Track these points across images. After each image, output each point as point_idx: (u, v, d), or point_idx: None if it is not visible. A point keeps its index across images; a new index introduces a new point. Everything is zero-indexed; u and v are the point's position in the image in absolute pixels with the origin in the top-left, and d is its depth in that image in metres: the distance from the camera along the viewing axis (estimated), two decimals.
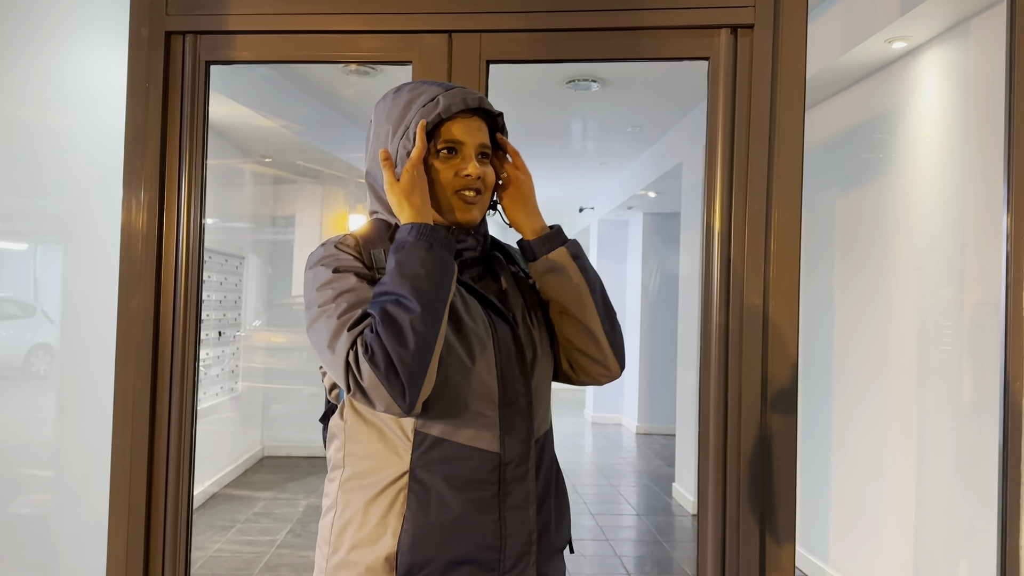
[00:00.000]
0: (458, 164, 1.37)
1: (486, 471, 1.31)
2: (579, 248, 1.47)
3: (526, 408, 1.35)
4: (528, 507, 1.34)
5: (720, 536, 2.28)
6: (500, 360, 1.35)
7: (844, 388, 4.11)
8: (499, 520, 1.31)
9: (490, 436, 1.32)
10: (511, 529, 1.32)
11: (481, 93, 1.41)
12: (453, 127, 1.37)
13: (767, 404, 2.25)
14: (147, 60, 2.37)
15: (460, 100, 1.36)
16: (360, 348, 1.21)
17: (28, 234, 3.08)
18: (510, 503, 1.32)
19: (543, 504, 1.37)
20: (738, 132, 2.28)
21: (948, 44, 3.28)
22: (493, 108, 1.42)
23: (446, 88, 1.38)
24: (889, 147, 3.76)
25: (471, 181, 1.36)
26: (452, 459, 1.30)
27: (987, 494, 2.90)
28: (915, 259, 3.49)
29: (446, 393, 1.30)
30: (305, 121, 5.67)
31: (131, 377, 2.35)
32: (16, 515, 2.93)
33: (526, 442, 1.34)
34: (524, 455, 1.34)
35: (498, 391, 1.34)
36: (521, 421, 1.35)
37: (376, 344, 1.20)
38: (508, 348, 1.36)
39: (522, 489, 1.33)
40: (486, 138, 1.41)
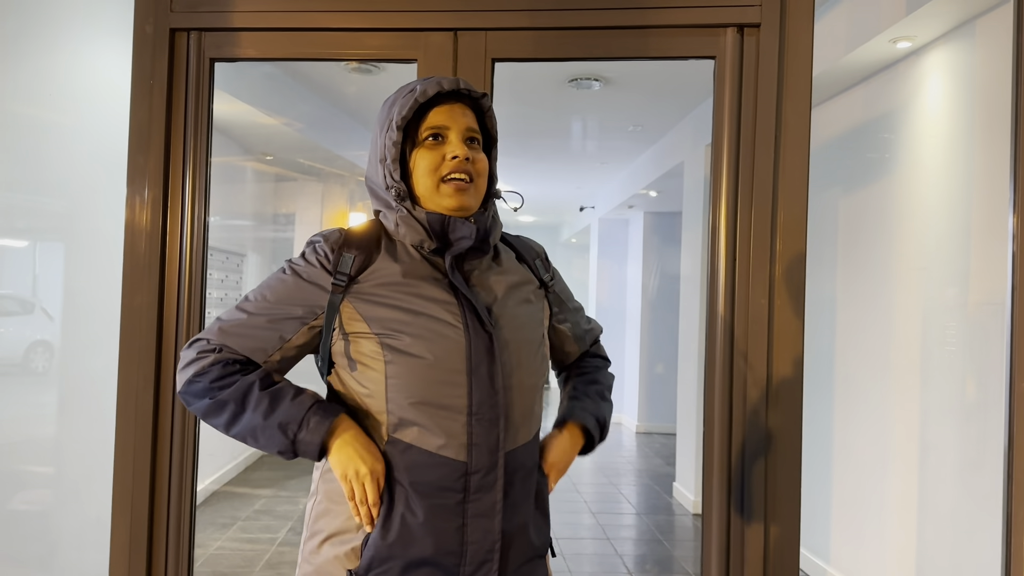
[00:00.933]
0: (444, 149, 1.36)
1: (451, 479, 1.31)
2: (599, 427, 1.55)
3: (496, 419, 1.33)
4: (493, 516, 1.33)
5: (724, 535, 2.28)
6: (471, 369, 1.32)
7: (847, 388, 4.11)
8: (462, 527, 1.32)
9: (457, 445, 1.31)
10: (473, 537, 1.32)
11: (462, 78, 1.44)
12: (435, 113, 1.37)
13: (772, 403, 2.25)
14: (151, 57, 2.36)
15: (435, 84, 1.36)
16: (188, 360, 1.36)
17: (27, 231, 3.07)
18: (473, 511, 1.32)
19: (514, 513, 1.36)
20: (744, 131, 2.28)
21: (953, 44, 3.28)
22: (475, 91, 1.41)
23: (427, 78, 1.39)
24: (893, 147, 3.76)
25: (459, 163, 1.34)
26: (420, 466, 1.31)
27: (991, 494, 2.90)
28: (919, 259, 3.49)
29: (415, 400, 1.31)
30: (307, 119, 5.66)
31: (134, 374, 2.35)
32: (16, 511, 2.92)
33: (494, 452, 1.32)
34: (492, 465, 1.32)
35: (467, 401, 1.32)
36: (490, 432, 1.32)
37: (188, 380, 1.35)
38: (481, 357, 1.33)
39: (488, 499, 1.32)
40: (473, 122, 1.40)
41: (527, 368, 1.38)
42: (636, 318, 9.37)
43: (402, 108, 1.35)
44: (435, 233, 1.36)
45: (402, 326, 1.32)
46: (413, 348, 1.31)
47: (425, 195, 1.37)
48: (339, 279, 1.35)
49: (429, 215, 1.35)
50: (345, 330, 1.35)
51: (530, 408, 1.40)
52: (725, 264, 2.29)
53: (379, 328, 1.32)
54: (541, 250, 1.57)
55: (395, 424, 1.33)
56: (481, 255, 1.41)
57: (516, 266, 1.48)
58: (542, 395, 1.46)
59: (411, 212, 1.36)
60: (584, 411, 1.52)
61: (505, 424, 1.34)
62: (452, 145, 1.36)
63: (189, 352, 1.38)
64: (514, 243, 1.53)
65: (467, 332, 1.33)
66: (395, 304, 1.33)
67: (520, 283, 1.45)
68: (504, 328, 1.37)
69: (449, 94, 1.38)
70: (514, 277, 1.45)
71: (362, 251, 1.37)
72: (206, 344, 1.37)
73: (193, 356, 1.36)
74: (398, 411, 1.32)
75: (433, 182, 1.36)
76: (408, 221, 1.37)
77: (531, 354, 1.40)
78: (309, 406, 1.32)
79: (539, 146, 6.98)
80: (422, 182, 1.36)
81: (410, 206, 1.36)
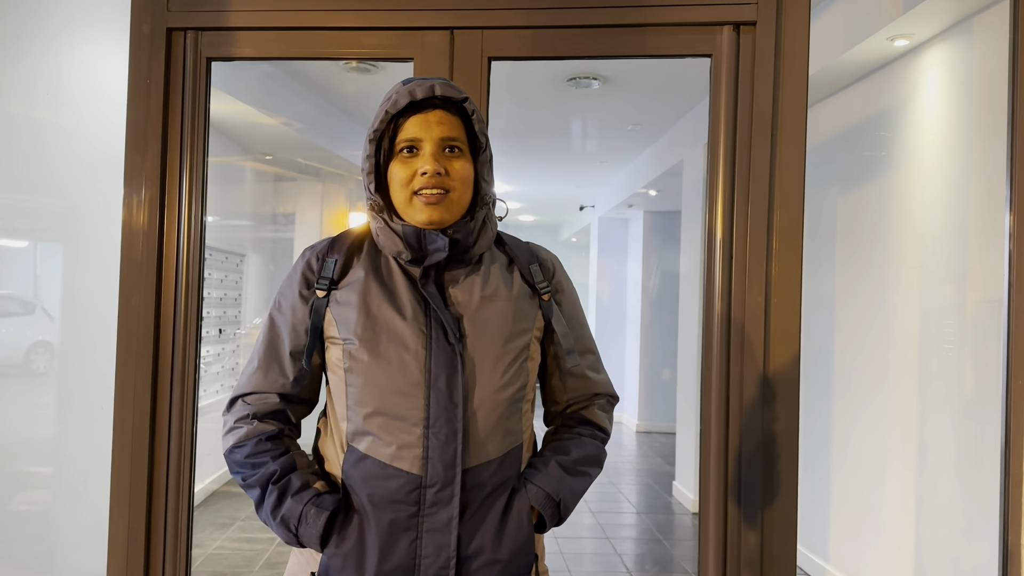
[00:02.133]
0: (416, 163, 1.33)
1: (405, 492, 1.30)
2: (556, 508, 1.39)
3: (453, 433, 1.30)
4: (449, 532, 1.30)
5: (721, 534, 2.28)
6: (429, 381, 1.30)
7: (845, 386, 4.11)
8: (415, 541, 1.30)
9: (411, 457, 1.30)
10: (426, 551, 1.30)
11: (445, 80, 1.35)
12: (409, 124, 1.33)
13: (769, 402, 2.25)
14: (148, 56, 2.36)
15: (407, 94, 1.32)
16: (228, 427, 1.42)
17: (28, 231, 3.07)
18: (428, 526, 1.30)
19: (475, 532, 1.32)
20: (740, 129, 2.28)
21: (950, 42, 3.28)
22: (456, 94, 1.34)
23: (407, 83, 1.34)
24: (891, 145, 3.75)
25: (429, 180, 1.31)
26: (374, 476, 1.31)
27: (988, 492, 2.90)
28: (917, 257, 3.49)
29: (369, 411, 1.31)
30: (306, 118, 5.66)
31: (132, 374, 2.35)
32: (16, 512, 2.93)
33: (451, 467, 1.29)
34: (448, 480, 1.29)
35: (424, 413, 1.30)
36: (447, 446, 1.29)
37: (229, 449, 1.40)
38: (441, 370, 1.31)
39: (444, 514, 1.30)
40: (451, 130, 1.34)
41: (496, 382, 1.34)
42: (636, 317, 9.37)
43: (375, 119, 1.34)
44: (411, 245, 1.35)
45: (364, 333, 1.32)
46: (371, 357, 1.31)
47: (400, 207, 1.36)
48: (321, 283, 1.38)
49: (404, 227, 1.34)
50: (324, 334, 1.38)
51: (498, 424, 1.34)
52: (722, 263, 2.29)
53: (345, 334, 1.34)
54: (547, 256, 1.49)
55: (352, 432, 1.34)
56: (463, 265, 1.38)
57: (503, 274, 1.42)
58: (520, 409, 1.39)
59: (388, 224, 1.36)
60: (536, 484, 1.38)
61: (464, 439, 1.30)
62: (423, 159, 1.32)
63: (229, 417, 1.42)
64: (512, 247, 1.47)
65: (429, 343, 1.32)
66: (362, 312, 1.33)
67: (503, 293, 1.39)
68: (473, 341, 1.33)
69: (426, 101, 1.33)
70: (498, 286, 1.39)
71: (344, 255, 1.40)
72: (241, 409, 1.41)
73: (232, 424, 1.41)
74: (355, 419, 1.33)
75: (407, 195, 1.34)
76: (386, 232, 1.37)
77: (502, 368, 1.35)
78: (307, 500, 1.32)
79: (538, 145, 6.98)
80: (397, 195, 1.35)
81: (388, 218, 1.36)
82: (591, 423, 1.49)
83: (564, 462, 1.41)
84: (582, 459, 1.43)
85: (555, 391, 1.50)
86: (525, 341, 1.39)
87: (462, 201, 1.36)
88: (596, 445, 1.47)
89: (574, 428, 1.48)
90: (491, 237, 1.42)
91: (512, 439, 1.37)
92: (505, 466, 1.36)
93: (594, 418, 1.49)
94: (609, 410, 1.53)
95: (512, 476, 1.38)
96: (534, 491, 1.36)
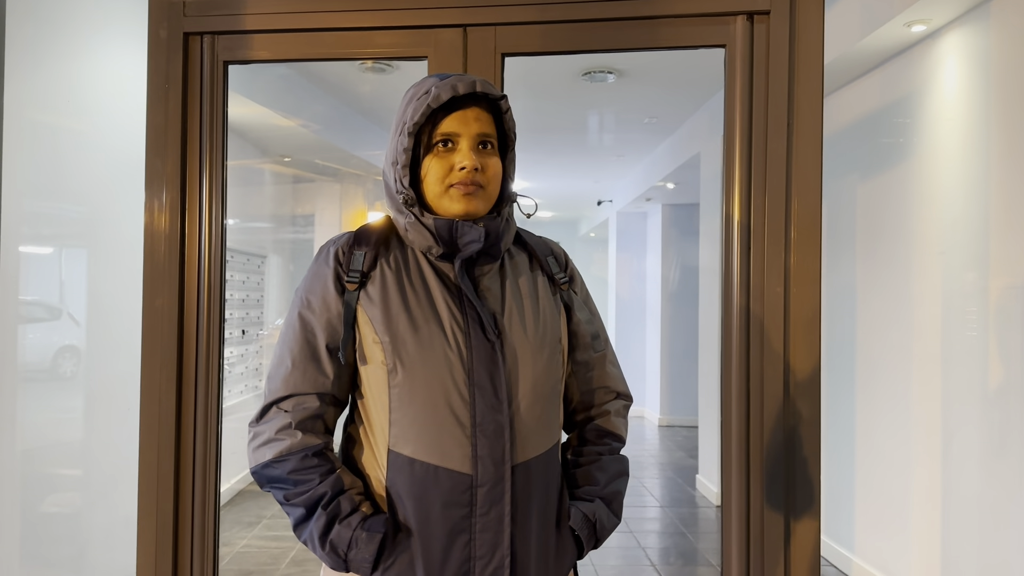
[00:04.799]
0: (454, 158, 1.33)
1: (456, 493, 1.28)
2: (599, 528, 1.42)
3: (501, 430, 1.29)
4: (502, 531, 1.29)
5: (744, 526, 2.27)
6: (473, 380, 1.30)
7: (868, 376, 4.08)
8: (469, 543, 1.29)
9: (461, 457, 1.28)
10: (481, 552, 1.29)
11: (483, 78, 1.36)
12: (447, 119, 1.33)
13: (790, 393, 2.24)
14: (166, 61, 2.39)
15: (449, 88, 1.31)
16: (265, 439, 1.35)
17: (53, 238, 3.12)
18: (481, 526, 1.29)
19: (528, 529, 1.32)
20: (756, 120, 2.27)
21: (968, 26, 3.24)
22: (494, 92, 1.35)
23: (443, 78, 1.34)
24: (910, 132, 3.72)
25: (467, 175, 1.31)
26: (423, 479, 1.29)
27: (1014, 480, 2.87)
28: (938, 244, 3.46)
29: (415, 412, 1.29)
30: (323, 120, 5.70)
31: (157, 376, 2.38)
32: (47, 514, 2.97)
33: (500, 465, 1.29)
34: (499, 478, 1.29)
35: (470, 411, 1.29)
36: (495, 443, 1.29)
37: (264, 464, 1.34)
38: (484, 367, 1.30)
39: (496, 512, 1.29)
40: (486, 127, 1.35)
41: (536, 376, 1.35)
42: (656, 311, 9.34)
43: (415, 113, 1.32)
44: (443, 239, 1.33)
45: (406, 333, 1.30)
46: (416, 357, 1.29)
47: (434, 200, 1.35)
48: (352, 276, 1.34)
49: (436, 220, 1.33)
50: (359, 330, 1.34)
51: (542, 417, 1.35)
52: (740, 254, 2.28)
53: (383, 334, 1.31)
54: (558, 249, 1.52)
55: (397, 436, 1.31)
56: (491, 260, 1.38)
57: (529, 268, 1.44)
58: (559, 403, 1.41)
59: (419, 218, 1.34)
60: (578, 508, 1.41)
61: (511, 435, 1.30)
62: (461, 154, 1.32)
63: (264, 428, 1.35)
64: (528, 241, 1.48)
65: (469, 341, 1.31)
66: (399, 310, 1.32)
67: (532, 286, 1.41)
68: (511, 335, 1.34)
69: (464, 97, 1.33)
70: (526, 281, 1.41)
71: (372, 248, 1.37)
72: (279, 418, 1.35)
73: (271, 435, 1.34)
74: (401, 422, 1.30)
75: (442, 188, 1.33)
76: (416, 227, 1.35)
77: (541, 361, 1.36)
78: (356, 524, 1.29)
79: (555, 140, 6.98)
80: (431, 188, 1.34)
81: (418, 212, 1.34)
82: (609, 434, 1.49)
83: (596, 491, 1.43)
84: (610, 480, 1.45)
85: (567, 384, 1.49)
86: (557, 333, 1.41)
87: (493, 196, 1.37)
88: (616, 460, 1.48)
89: (594, 446, 1.48)
90: (513, 233, 1.43)
91: (554, 433, 1.39)
92: (550, 461, 1.37)
93: (612, 428, 1.50)
94: (625, 415, 1.54)
95: (556, 474, 1.39)
96: (573, 512, 1.39)
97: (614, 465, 1.47)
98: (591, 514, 1.40)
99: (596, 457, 1.46)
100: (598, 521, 1.40)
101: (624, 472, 1.49)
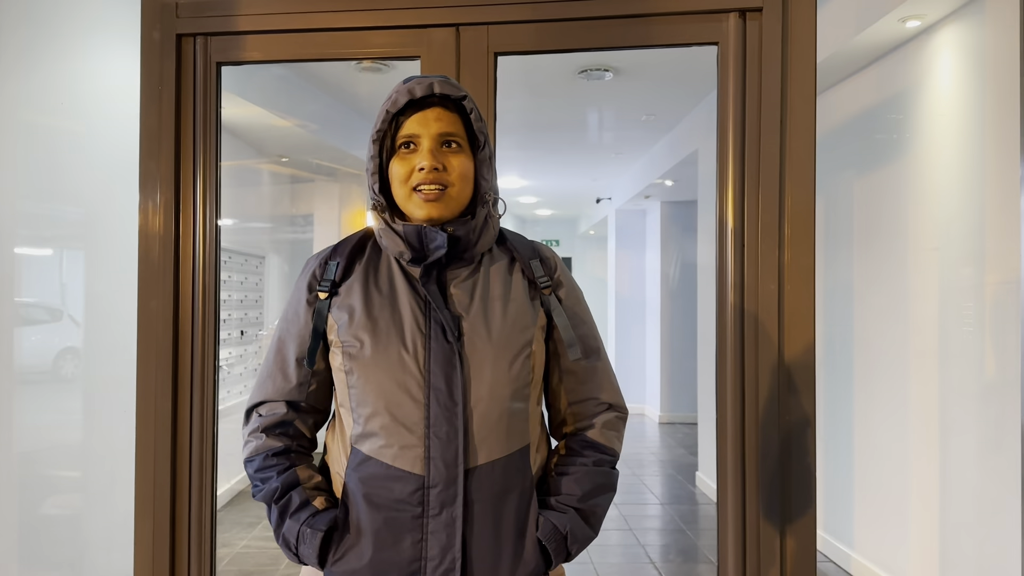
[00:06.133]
0: (414, 159, 1.34)
1: (408, 492, 1.30)
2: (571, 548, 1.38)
3: (454, 432, 1.29)
4: (454, 533, 1.29)
5: (740, 523, 2.27)
6: (429, 382, 1.31)
7: (866, 372, 4.08)
8: (419, 543, 1.30)
9: (413, 458, 1.30)
10: (431, 552, 1.30)
11: (444, 77, 1.36)
12: (408, 121, 1.35)
13: (785, 390, 2.25)
14: (159, 63, 2.39)
15: (406, 92, 1.33)
16: (244, 440, 1.44)
17: (52, 239, 3.12)
18: (432, 527, 1.30)
19: (482, 533, 1.31)
20: (749, 117, 2.27)
21: (963, 21, 3.24)
22: (455, 92, 1.35)
23: (407, 81, 1.35)
24: (905, 128, 3.72)
25: (427, 175, 1.32)
26: (377, 477, 1.31)
27: (1011, 474, 2.87)
28: (933, 240, 3.46)
29: (370, 412, 1.32)
30: (320, 119, 5.70)
31: (152, 377, 2.38)
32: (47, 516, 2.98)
33: (453, 467, 1.29)
34: (452, 479, 1.29)
35: (424, 413, 1.30)
36: (448, 446, 1.29)
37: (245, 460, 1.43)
38: (441, 369, 1.31)
39: (448, 514, 1.29)
40: (449, 126, 1.35)
41: (497, 379, 1.33)
42: (656, 308, 9.35)
43: (377, 121, 1.35)
44: (411, 245, 1.35)
45: (363, 335, 1.33)
46: (370, 358, 1.32)
47: (402, 204, 1.37)
48: (324, 286, 1.39)
49: (406, 227, 1.34)
50: (328, 338, 1.39)
51: (501, 422, 1.33)
52: (734, 251, 2.28)
53: (345, 336, 1.35)
54: (549, 254, 1.48)
55: (357, 435, 1.34)
56: (464, 264, 1.39)
57: (504, 273, 1.42)
58: (526, 409, 1.37)
59: (389, 224, 1.37)
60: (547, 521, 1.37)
61: (465, 438, 1.30)
62: (420, 154, 1.33)
63: (245, 430, 1.45)
64: (512, 243, 1.46)
65: (428, 343, 1.32)
66: (360, 313, 1.35)
67: (506, 289, 1.40)
68: (473, 339, 1.33)
69: (426, 98, 1.34)
70: (500, 283, 1.40)
71: (345, 258, 1.41)
72: (254, 421, 1.44)
73: (246, 437, 1.44)
74: (359, 421, 1.34)
75: (407, 192, 1.35)
76: (388, 233, 1.37)
77: (503, 364, 1.34)
78: (303, 519, 1.34)
79: (553, 138, 6.98)
80: (397, 192, 1.36)
81: (388, 218, 1.37)
82: (594, 445, 1.43)
83: (571, 501, 1.39)
84: (590, 493, 1.40)
85: (555, 395, 1.47)
86: (527, 338, 1.37)
87: (461, 197, 1.36)
88: (601, 473, 1.42)
89: (579, 456, 1.43)
90: (493, 236, 1.42)
91: (518, 439, 1.36)
92: (512, 467, 1.34)
93: (598, 439, 1.44)
94: (619, 427, 1.47)
95: (520, 480, 1.35)
96: (541, 522, 1.36)
97: (597, 478, 1.41)
98: (562, 526, 1.35)
99: (578, 468, 1.41)
100: (569, 534, 1.36)
101: (608, 486, 1.43)
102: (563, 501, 1.39)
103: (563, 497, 1.39)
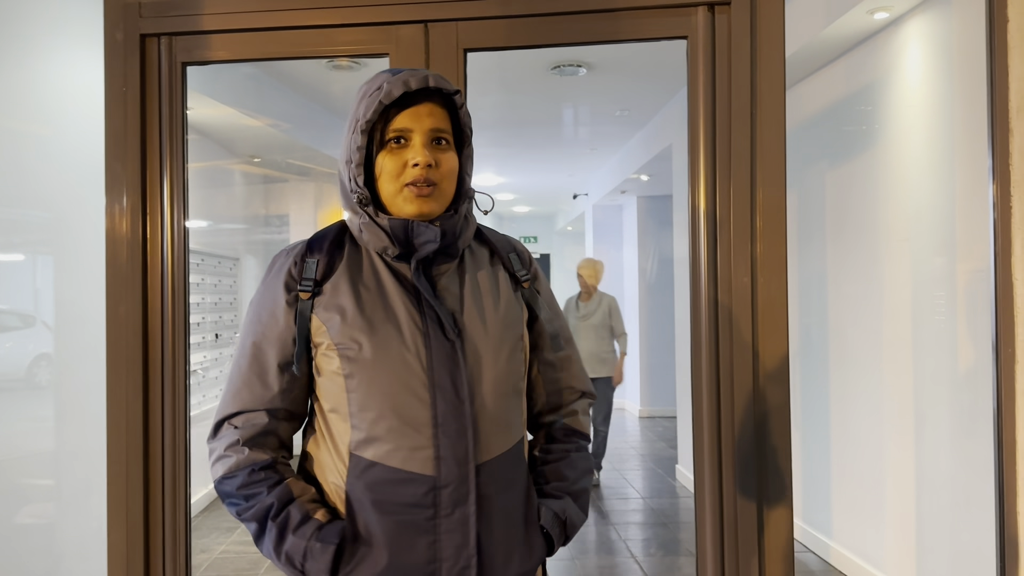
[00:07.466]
0: (407, 154, 1.30)
1: (420, 495, 1.27)
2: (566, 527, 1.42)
3: (463, 430, 1.28)
4: (468, 531, 1.28)
5: (718, 515, 2.28)
6: (434, 380, 1.28)
7: (841, 362, 4.11)
8: (433, 544, 1.27)
9: (423, 458, 1.27)
10: (446, 554, 1.27)
11: (436, 73, 1.33)
12: (400, 115, 1.31)
13: (759, 381, 2.25)
14: (123, 64, 2.36)
15: (401, 84, 1.29)
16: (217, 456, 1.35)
17: (23, 245, 3.07)
18: (446, 527, 1.27)
19: (492, 529, 1.31)
20: (719, 111, 2.27)
21: (930, 13, 3.26)
22: (447, 86, 1.33)
23: (395, 73, 1.32)
24: (875, 119, 3.75)
25: (420, 172, 1.29)
26: (385, 482, 1.27)
27: (984, 461, 2.90)
28: (905, 230, 3.48)
29: (374, 416, 1.28)
30: (292, 118, 5.65)
31: (123, 383, 2.35)
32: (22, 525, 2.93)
33: (464, 464, 1.27)
34: (463, 477, 1.27)
35: (431, 412, 1.27)
36: (458, 443, 1.27)
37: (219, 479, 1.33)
38: (444, 367, 1.29)
39: (461, 513, 1.28)
40: (440, 122, 1.32)
41: (498, 374, 1.33)
42: (634, 303, 9.38)
43: (367, 110, 1.30)
44: (398, 239, 1.31)
45: (361, 337, 1.28)
46: (372, 360, 1.27)
47: (388, 199, 1.32)
48: (305, 286, 1.33)
49: (392, 221, 1.30)
50: (313, 340, 1.33)
51: (502, 416, 1.34)
52: (707, 245, 2.29)
53: (339, 339, 1.29)
54: (521, 247, 1.50)
55: (359, 441, 1.29)
56: (449, 259, 1.36)
57: (488, 266, 1.42)
58: (520, 402, 1.39)
59: (374, 219, 1.32)
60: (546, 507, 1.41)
61: (474, 435, 1.29)
62: (414, 151, 1.30)
63: (216, 444, 1.35)
64: (490, 238, 1.46)
65: (428, 342, 1.29)
66: (355, 315, 1.29)
67: (493, 282, 1.40)
68: (471, 334, 1.32)
69: (417, 92, 1.31)
70: (486, 277, 1.39)
71: (325, 254, 1.35)
72: (229, 434, 1.34)
73: (221, 452, 1.34)
74: (361, 426, 1.29)
75: (396, 187, 1.31)
76: (371, 228, 1.32)
77: (502, 358, 1.34)
78: (310, 534, 1.28)
79: (528, 134, 6.97)
80: (386, 187, 1.32)
81: (373, 212, 1.32)
82: (576, 432, 1.51)
83: (565, 487, 1.44)
84: (579, 477, 1.46)
85: (533, 385, 1.48)
86: (518, 332, 1.39)
87: (448, 194, 1.34)
88: (584, 457, 1.50)
89: (562, 444, 1.49)
90: (472, 230, 1.41)
91: (516, 432, 1.37)
92: (513, 459, 1.36)
93: (579, 427, 1.51)
94: (589, 412, 1.56)
95: (521, 472, 1.37)
96: (543, 510, 1.39)
97: (582, 463, 1.48)
98: (561, 512, 1.40)
99: (565, 454, 1.47)
100: (568, 519, 1.41)
101: (590, 469, 1.51)
102: (558, 488, 1.43)
103: (557, 484, 1.43)
